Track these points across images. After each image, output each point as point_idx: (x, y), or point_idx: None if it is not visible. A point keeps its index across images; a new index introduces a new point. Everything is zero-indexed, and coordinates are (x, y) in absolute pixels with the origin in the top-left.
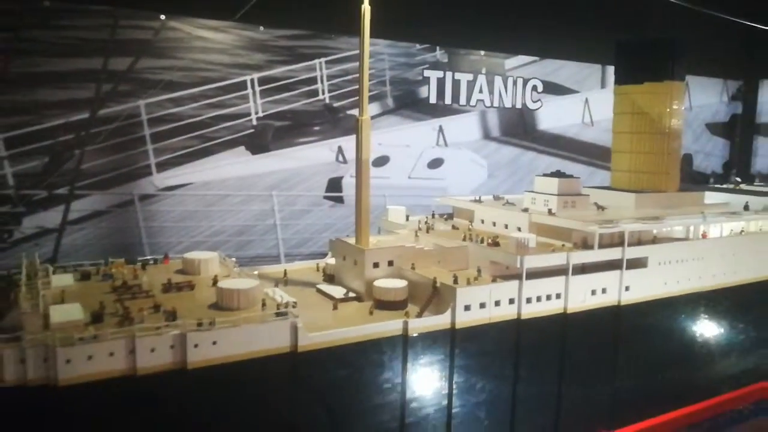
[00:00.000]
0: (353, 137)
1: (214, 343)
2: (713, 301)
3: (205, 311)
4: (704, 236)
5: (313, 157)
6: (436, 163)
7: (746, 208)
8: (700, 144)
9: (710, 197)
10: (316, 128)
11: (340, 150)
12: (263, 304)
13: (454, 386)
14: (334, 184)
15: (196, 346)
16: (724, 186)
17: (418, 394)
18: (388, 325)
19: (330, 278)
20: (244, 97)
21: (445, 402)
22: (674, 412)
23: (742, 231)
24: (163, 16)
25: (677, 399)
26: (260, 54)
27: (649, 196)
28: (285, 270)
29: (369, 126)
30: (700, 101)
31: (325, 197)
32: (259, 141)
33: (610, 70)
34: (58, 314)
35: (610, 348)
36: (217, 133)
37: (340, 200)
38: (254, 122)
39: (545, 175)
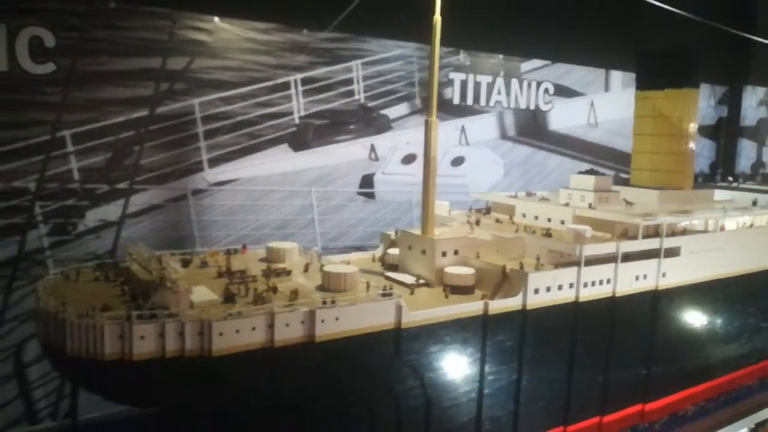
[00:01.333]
0: (385, 136)
1: (337, 318)
2: (731, 287)
3: (314, 293)
4: (722, 229)
5: (348, 155)
6: (458, 161)
7: (755, 203)
8: None
9: (717, 194)
10: (352, 127)
11: (372, 148)
12: (368, 287)
13: (524, 362)
14: (367, 181)
15: (323, 321)
16: (725, 184)
17: (494, 368)
18: (472, 306)
19: (392, 267)
20: (287, 97)
21: (515, 376)
22: (701, 386)
23: (751, 225)
24: (216, 18)
25: (704, 374)
26: (304, 56)
27: (670, 193)
28: (348, 260)
29: (437, 126)
30: None
31: (359, 193)
32: (301, 139)
33: (613, 74)
34: (197, 295)
35: (649, 329)
36: (263, 131)
37: (372, 196)
38: (296, 121)
39: (581, 173)
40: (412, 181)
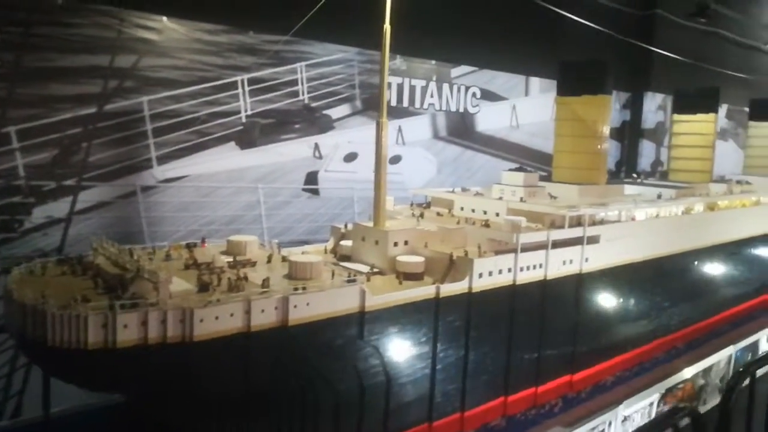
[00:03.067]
0: (328, 135)
1: (308, 304)
2: (641, 271)
3: (282, 281)
4: (633, 219)
5: (293, 153)
6: (395, 160)
7: (659, 196)
8: None
9: (626, 189)
10: (296, 126)
11: (316, 146)
12: (333, 274)
13: (470, 339)
14: (311, 178)
15: (295, 306)
16: (630, 180)
17: (444, 346)
18: (426, 290)
19: (344, 258)
20: (234, 96)
21: (462, 353)
22: (618, 358)
23: (657, 215)
24: (164, 18)
25: (621, 348)
26: (250, 57)
27: (588, 188)
28: (302, 252)
29: (387, 127)
30: None
31: (304, 189)
32: (248, 137)
33: (533, 80)
34: (174, 285)
35: (574, 309)
36: (211, 129)
37: (316, 192)
38: (243, 119)
39: (511, 170)
40: (353, 179)
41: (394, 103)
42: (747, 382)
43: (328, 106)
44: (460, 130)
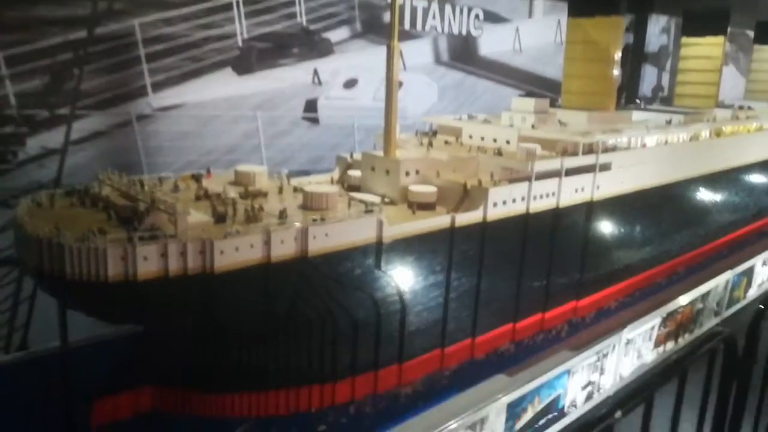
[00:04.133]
0: (328, 60)
1: (327, 235)
2: (649, 198)
3: (297, 212)
4: (644, 145)
5: (292, 79)
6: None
7: (668, 122)
8: None
9: (634, 116)
10: (295, 50)
11: (315, 72)
12: (349, 204)
13: (483, 269)
14: (311, 106)
15: (314, 237)
16: (634, 106)
17: (458, 275)
18: (442, 219)
19: (353, 188)
20: (230, 19)
21: (475, 281)
22: (621, 284)
23: (666, 141)
24: None
25: (624, 274)
26: None
27: (598, 114)
28: (309, 182)
29: (398, 51)
30: None
31: (303, 118)
32: (245, 62)
33: (536, 1)
34: (191, 216)
35: (583, 237)
36: (206, 54)
37: (316, 121)
38: (240, 44)
39: (521, 96)
40: (353, 106)
41: None
42: None
43: (327, 29)
44: (463, 54)
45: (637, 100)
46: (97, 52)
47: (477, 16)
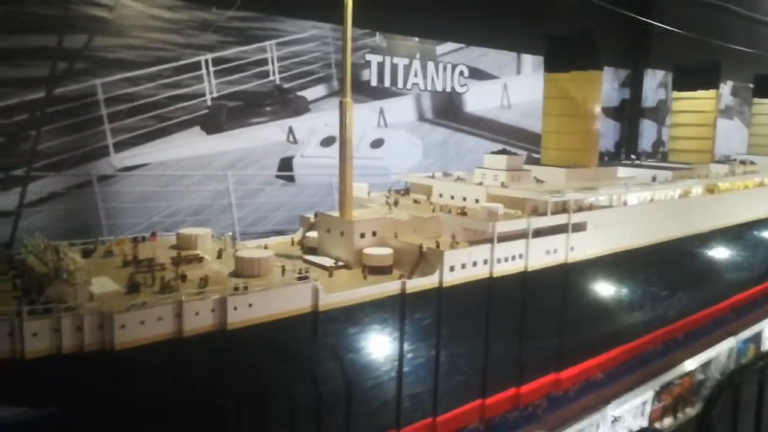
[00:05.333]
0: (303, 118)
1: (250, 305)
2: (634, 259)
3: (227, 279)
4: (625, 204)
5: (265, 138)
6: (377, 143)
7: (654, 179)
8: None
9: (620, 171)
10: (268, 109)
11: (290, 130)
12: (283, 271)
13: (441, 338)
14: (286, 164)
15: (235, 308)
16: (627, 162)
17: (413, 346)
18: (390, 285)
19: (311, 251)
20: (198, 78)
21: (433, 352)
22: (610, 353)
23: (651, 199)
24: None
25: (612, 342)
26: (214, 35)
27: (577, 171)
28: (265, 244)
29: (351, 107)
30: None
31: (277, 176)
32: (214, 121)
33: (525, 58)
34: (98, 286)
35: (560, 301)
36: (173, 114)
37: (291, 179)
38: (209, 102)
39: (493, 153)
40: (332, 164)
41: (374, 83)
42: None
43: (303, 87)
44: (448, 111)
45: (632, 156)
46: (56, 112)
47: (462, 73)
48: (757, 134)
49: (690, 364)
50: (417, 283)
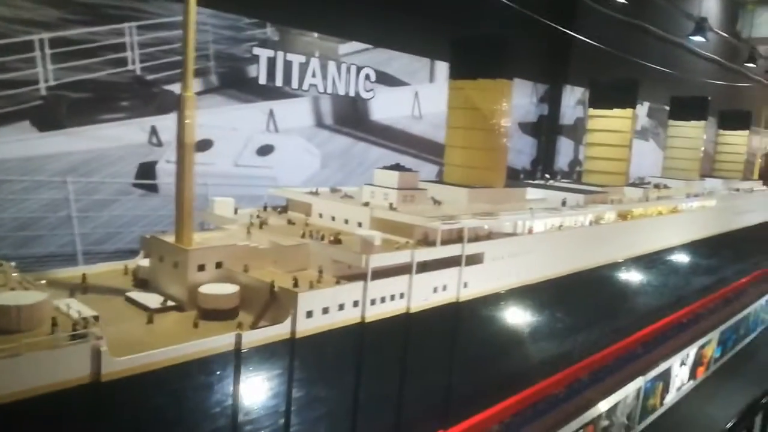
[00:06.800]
0: (170, 116)
1: None
2: (538, 293)
3: None
4: (530, 231)
5: (120, 138)
6: (265, 150)
7: (564, 203)
8: (512, 142)
9: (529, 193)
10: (124, 103)
11: (154, 130)
12: (53, 323)
13: (293, 402)
14: (147, 170)
15: None
16: (540, 182)
17: (253, 417)
18: (218, 341)
19: (142, 283)
20: (29, 61)
21: (282, 421)
22: (507, 401)
23: (560, 226)
24: None
25: (510, 388)
26: (53, 10)
27: (480, 192)
28: (84, 274)
29: (193, 103)
30: (513, 101)
31: (135, 185)
32: (50, 115)
33: (439, 65)
34: None
35: (448, 347)
36: None
37: (153, 189)
38: (43, 92)
39: (385, 168)
40: (205, 172)
41: (263, 81)
42: None
43: (171, 80)
44: (351, 117)
45: (547, 175)
46: None
47: (368, 77)
48: (671, 157)
49: (595, 410)
50: (258, 336)
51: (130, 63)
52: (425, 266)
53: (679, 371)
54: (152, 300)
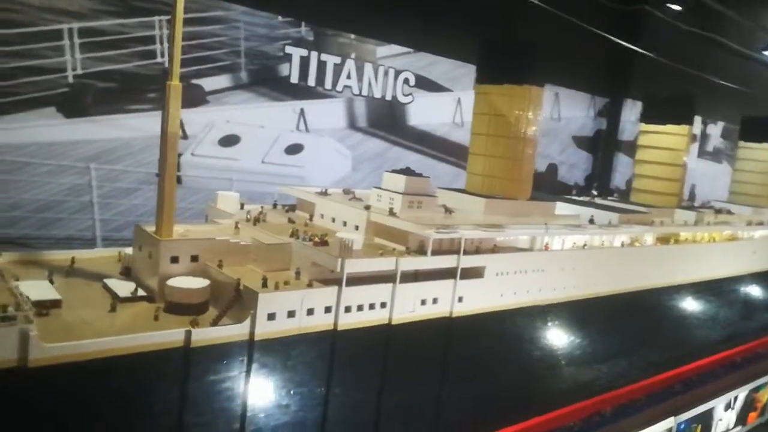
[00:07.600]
0: (198, 110)
1: None
2: (550, 315)
3: None
4: (546, 248)
5: (146, 128)
6: (294, 149)
7: (591, 221)
8: (565, 155)
9: (563, 208)
10: (151, 95)
11: (180, 123)
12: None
13: (249, 408)
14: None
15: None
16: (577, 198)
17: (202, 419)
18: (164, 336)
19: (127, 271)
20: (58, 49)
21: (237, 425)
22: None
23: (585, 245)
24: None
25: (509, 417)
26: (86, 0)
27: (499, 203)
28: (73, 258)
29: (179, 93)
30: (568, 113)
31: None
32: (76, 103)
33: None
34: None
35: (438, 362)
36: (20, 89)
37: (177, 180)
38: (70, 80)
39: (394, 171)
40: (231, 167)
41: (295, 80)
42: None
43: (200, 75)
44: (387, 121)
45: (594, 192)
46: None
47: (407, 81)
48: (740, 181)
49: None
50: (210, 335)
51: (158, 56)
52: (415, 276)
53: (724, 415)
54: (125, 288)
